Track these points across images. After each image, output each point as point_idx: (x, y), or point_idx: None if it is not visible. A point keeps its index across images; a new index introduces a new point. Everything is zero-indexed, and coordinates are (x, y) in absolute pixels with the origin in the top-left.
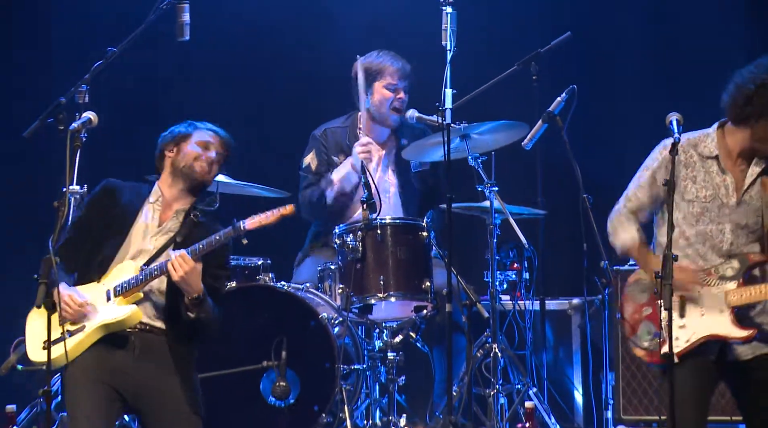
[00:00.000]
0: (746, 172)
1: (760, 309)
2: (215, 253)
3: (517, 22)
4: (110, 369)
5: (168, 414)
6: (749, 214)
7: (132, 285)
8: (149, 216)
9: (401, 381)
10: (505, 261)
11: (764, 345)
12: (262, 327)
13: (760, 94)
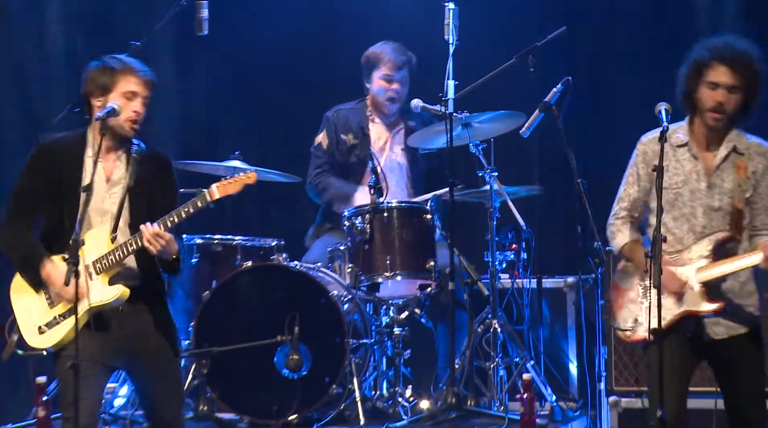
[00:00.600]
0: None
1: (733, 287)
2: (166, 198)
3: (514, 17)
4: (108, 340)
5: (160, 362)
6: (721, 196)
7: (112, 264)
8: (94, 173)
9: (407, 354)
10: (504, 243)
11: (739, 326)
12: (276, 304)
13: (694, 69)
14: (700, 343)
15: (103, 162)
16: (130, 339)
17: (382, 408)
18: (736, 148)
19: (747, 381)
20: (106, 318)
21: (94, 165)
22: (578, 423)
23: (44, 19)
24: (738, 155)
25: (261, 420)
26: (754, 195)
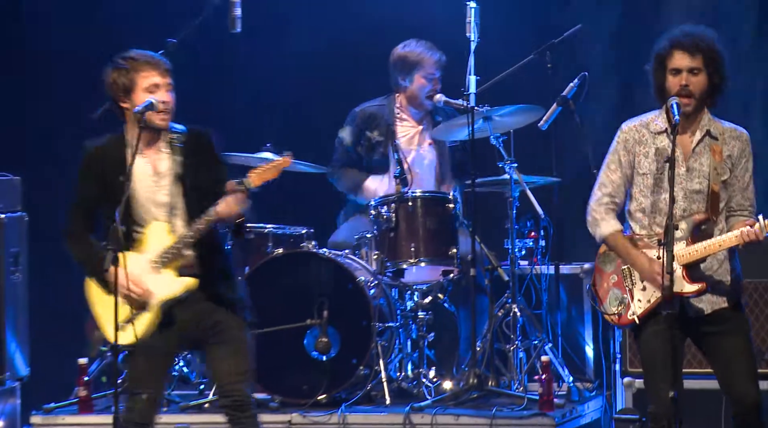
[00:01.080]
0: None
1: (712, 266)
2: (215, 174)
3: (532, 15)
4: (169, 326)
5: (225, 334)
6: (700, 180)
7: (175, 255)
8: (145, 169)
9: (430, 337)
10: (523, 231)
11: (720, 300)
12: (305, 289)
13: (657, 62)
14: (686, 320)
15: (148, 155)
16: (193, 323)
17: (407, 388)
18: (710, 132)
19: (735, 352)
20: (170, 308)
21: (133, 158)
22: (594, 403)
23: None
24: (712, 139)
25: (291, 399)
26: (730, 177)
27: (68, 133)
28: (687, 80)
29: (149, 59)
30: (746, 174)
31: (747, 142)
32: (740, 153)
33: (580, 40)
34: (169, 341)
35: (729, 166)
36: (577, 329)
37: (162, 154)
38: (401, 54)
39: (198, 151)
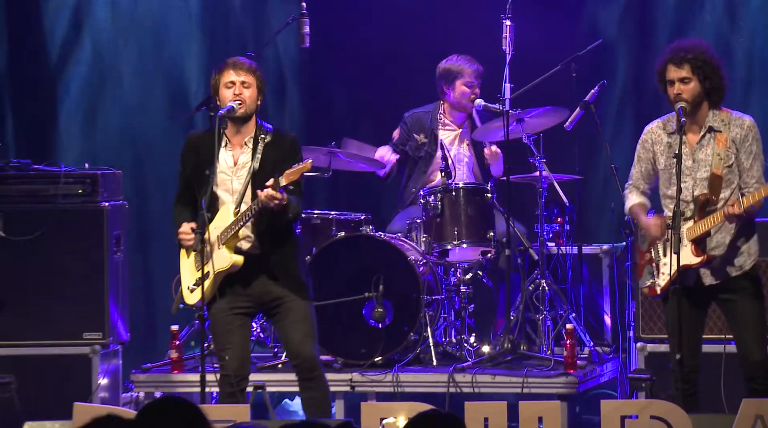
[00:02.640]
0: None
1: (723, 240)
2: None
3: (559, 31)
4: (244, 296)
5: (290, 308)
6: (706, 168)
7: (231, 233)
8: (226, 159)
9: (471, 308)
10: (551, 217)
11: (732, 270)
12: (364, 267)
13: (658, 76)
14: (703, 290)
15: (232, 149)
16: (259, 293)
17: (450, 351)
18: (712, 127)
19: (745, 315)
20: (236, 278)
21: (217, 152)
22: (611, 365)
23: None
24: (716, 132)
25: (352, 361)
26: (737, 160)
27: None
28: (679, 89)
29: (230, 61)
30: (750, 156)
31: (750, 128)
32: (743, 137)
33: (601, 53)
34: (236, 306)
35: (734, 150)
36: (597, 301)
37: (245, 148)
38: (445, 66)
39: (276, 150)
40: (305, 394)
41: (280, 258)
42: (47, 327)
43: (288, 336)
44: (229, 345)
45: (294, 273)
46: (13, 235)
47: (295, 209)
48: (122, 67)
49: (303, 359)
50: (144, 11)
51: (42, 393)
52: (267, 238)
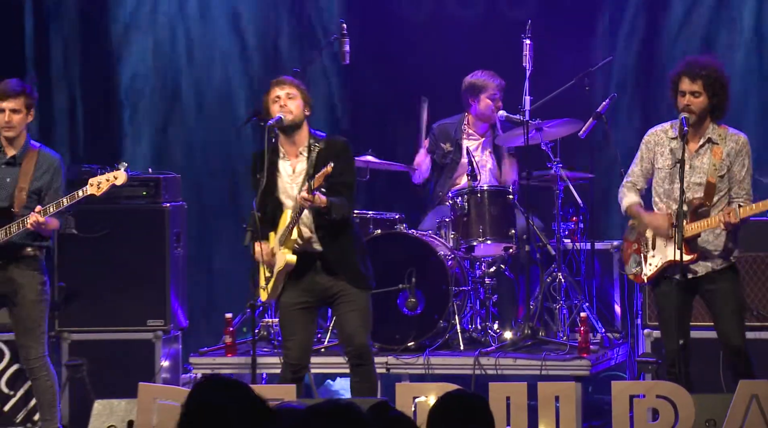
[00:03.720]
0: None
1: (708, 239)
2: (342, 177)
3: (573, 49)
4: (307, 291)
5: (347, 298)
6: (700, 175)
7: (285, 235)
8: (286, 169)
9: (494, 298)
10: (566, 216)
11: (714, 264)
12: (398, 261)
13: (672, 83)
14: (688, 281)
15: (289, 159)
16: (321, 287)
17: (476, 337)
18: (711, 138)
19: (725, 303)
20: (302, 273)
21: (270, 158)
22: (621, 349)
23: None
24: (713, 144)
25: (387, 345)
26: (729, 172)
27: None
28: (689, 101)
29: (277, 79)
30: (742, 169)
31: (744, 144)
32: (736, 153)
33: (611, 68)
34: (300, 300)
35: (727, 163)
36: (608, 292)
37: (301, 156)
38: (470, 81)
39: (329, 156)
40: (354, 378)
41: (339, 253)
42: (115, 316)
43: (343, 325)
44: (293, 337)
45: (353, 265)
46: (85, 233)
47: (339, 209)
48: (181, 83)
49: (355, 347)
50: (201, 31)
51: (110, 375)
52: (326, 235)
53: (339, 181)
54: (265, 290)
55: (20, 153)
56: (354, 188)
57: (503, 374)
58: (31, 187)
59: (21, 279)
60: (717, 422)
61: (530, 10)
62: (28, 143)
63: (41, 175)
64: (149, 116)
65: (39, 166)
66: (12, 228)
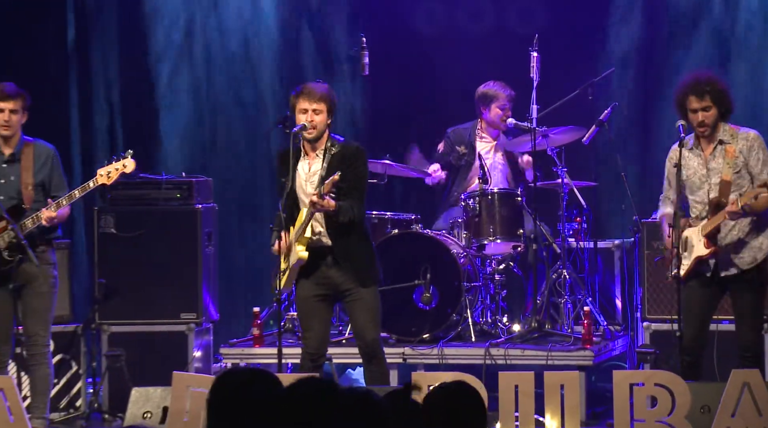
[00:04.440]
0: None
1: (735, 237)
2: (349, 181)
3: (577, 62)
4: (320, 284)
5: (356, 296)
6: (717, 175)
7: (300, 232)
8: (303, 168)
9: (504, 293)
10: (571, 217)
11: (744, 265)
12: (414, 259)
13: (679, 104)
14: (718, 280)
15: (308, 159)
16: (333, 282)
17: (486, 330)
18: (722, 140)
19: (745, 303)
20: (315, 268)
21: (294, 162)
22: (622, 341)
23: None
24: (725, 144)
25: (404, 337)
26: (747, 167)
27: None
28: (702, 116)
29: (305, 89)
30: (759, 162)
31: (754, 139)
32: (749, 149)
33: (613, 79)
34: (317, 293)
35: (742, 160)
36: (610, 287)
37: (318, 158)
38: (483, 91)
39: (344, 160)
40: (367, 369)
41: (348, 249)
42: (151, 309)
43: (355, 323)
44: (311, 328)
45: (361, 262)
46: (123, 232)
47: (347, 213)
48: (215, 93)
49: (365, 343)
50: (232, 45)
51: (146, 364)
52: (335, 231)
53: (351, 185)
54: (282, 278)
55: (17, 149)
56: (364, 191)
57: (512, 364)
58: (35, 181)
59: (34, 270)
60: (711, 408)
61: (537, 25)
62: (22, 139)
63: (41, 168)
64: (183, 123)
65: (37, 158)
66: (27, 224)
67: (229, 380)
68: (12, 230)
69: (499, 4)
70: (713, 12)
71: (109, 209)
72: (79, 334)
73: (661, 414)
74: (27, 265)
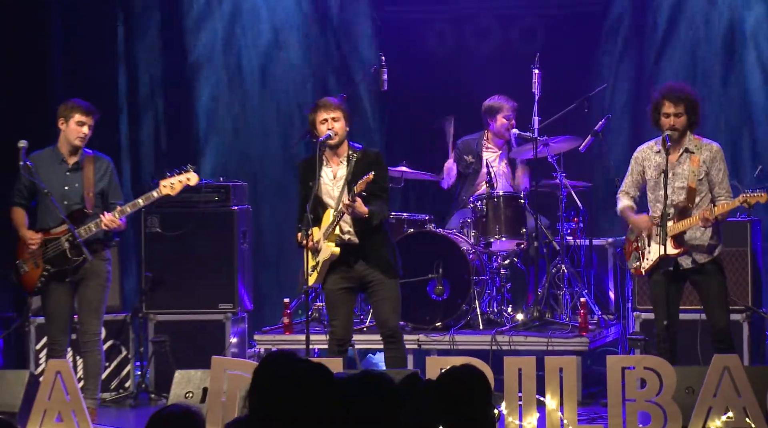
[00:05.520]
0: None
1: (694, 236)
2: (375, 185)
3: (574, 79)
4: (346, 278)
5: (380, 287)
6: (682, 180)
7: (329, 230)
8: (327, 174)
9: (508, 286)
10: (569, 217)
11: (701, 258)
12: (428, 255)
13: (654, 108)
14: (680, 272)
15: (332, 166)
16: (358, 275)
17: (493, 318)
18: (688, 148)
19: (712, 292)
20: (342, 262)
21: (320, 169)
22: (615, 328)
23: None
24: (690, 153)
25: (419, 325)
26: (708, 176)
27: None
28: (674, 121)
29: (320, 102)
30: (719, 172)
31: (717, 152)
32: (711, 159)
33: (606, 93)
34: (343, 285)
35: (705, 168)
36: (604, 280)
37: (341, 164)
38: (488, 104)
39: (365, 165)
40: (387, 353)
41: (373, 246)
42: (192, 300)
43: (377, 310)
44: (338, 316)
45: (384, 257)
46: (168, 232)
47: (378, 215)
48: (247, 106)
49: (387, 329)
50: (263, 63)
51: (188, 349)
52: (363, 231)
53: (379, 187)
54: (311, 276)
55: (80, 160)
56: (389, 191)
57: (516, 349)
58: (95, 189)
59: (92, 266)
60: (695, 389)
61: (538, 45)
62: (84, 150)
63: (101, 178)
64: (221, 132)
65: (97, 169)
66: (91, 227)
67: (274, 364)
68: (70, 231)
69: (503, 26)
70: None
71: (155, 211)
72: (128, 322)
73: (650, 394)
74: (87, 263)
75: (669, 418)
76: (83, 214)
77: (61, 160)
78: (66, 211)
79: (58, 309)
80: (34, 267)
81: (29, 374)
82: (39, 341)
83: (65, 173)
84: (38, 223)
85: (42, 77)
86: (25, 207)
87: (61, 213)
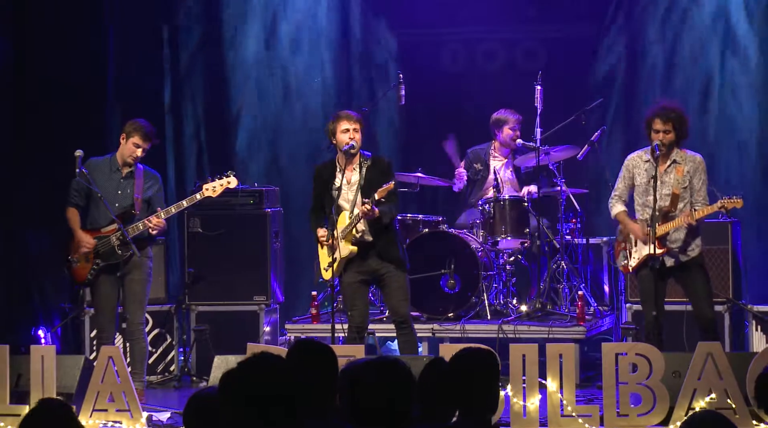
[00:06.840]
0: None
1: (678, 237)
2: (381, 184)
3: (573, 93)
4: (361, 272)
5: (392, 279)
6: (668, 187)
7: (347, 231)
8: (342, 180)
9: (514, 280)
10: (568, 218)
11: (684, 257)
12: (441, 252)
13: (646, 124)
14: (664, 269)
15: (347, 172)
16: (372, 269)
17: (500, 309)
18: (675, 160)
19: (697, 287)
20: (358, 258)
21: (342, 175)
22: (609, 319)
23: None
24: (677, 164)
25: (432, 315)
26: (691, 184)
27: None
28: (662, 137)
29: (342, 113)
30: (700, 182)
31: (699, 163)
32: (694, 170)
33: (601, 107)
34: (358, 279)
35: (688, 178)
36: (599, 275)
37: (354, 171)
38: (496, 117)
39: (375, 171)
40: (400, 339)
41: (385, 244)
42: (229, 292)
43: (390, 299)
44: (355, 306)
45: (395, 253)
46: (208, 231)
47: (389, 215)
48: (279, 119)
49: (399, 316)
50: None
51: (226, 337)
52: (376, 230)
53: (390, 191)
54: (328, 271)
55: (132, 171)
56: (398, 194)
57: (520, 337)
58: (143, 196)
59: (137, 262)
60: (681, 373)
61: (540, 63)
62: (136, 165)
63: (149, 187)
64: (255, 143)
65: (146, 180)
66: (139, 226)
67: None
68: (120, 230)
69: (508, 48)
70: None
71: (197, 213)
72: (173, 313)
73: (641, 378)
74: (132, 258)
75: (658, 399)
76: (131, 215)
77: (117, 169)
78: (116, 213)
79: (106, 301)
80: (85, 261)
81: (84, 359)
82: (92, 330)
83: (119, 180)
84: (89, 222)
85: (96, 92)
86: (79, 207)
87: (112, 214)
